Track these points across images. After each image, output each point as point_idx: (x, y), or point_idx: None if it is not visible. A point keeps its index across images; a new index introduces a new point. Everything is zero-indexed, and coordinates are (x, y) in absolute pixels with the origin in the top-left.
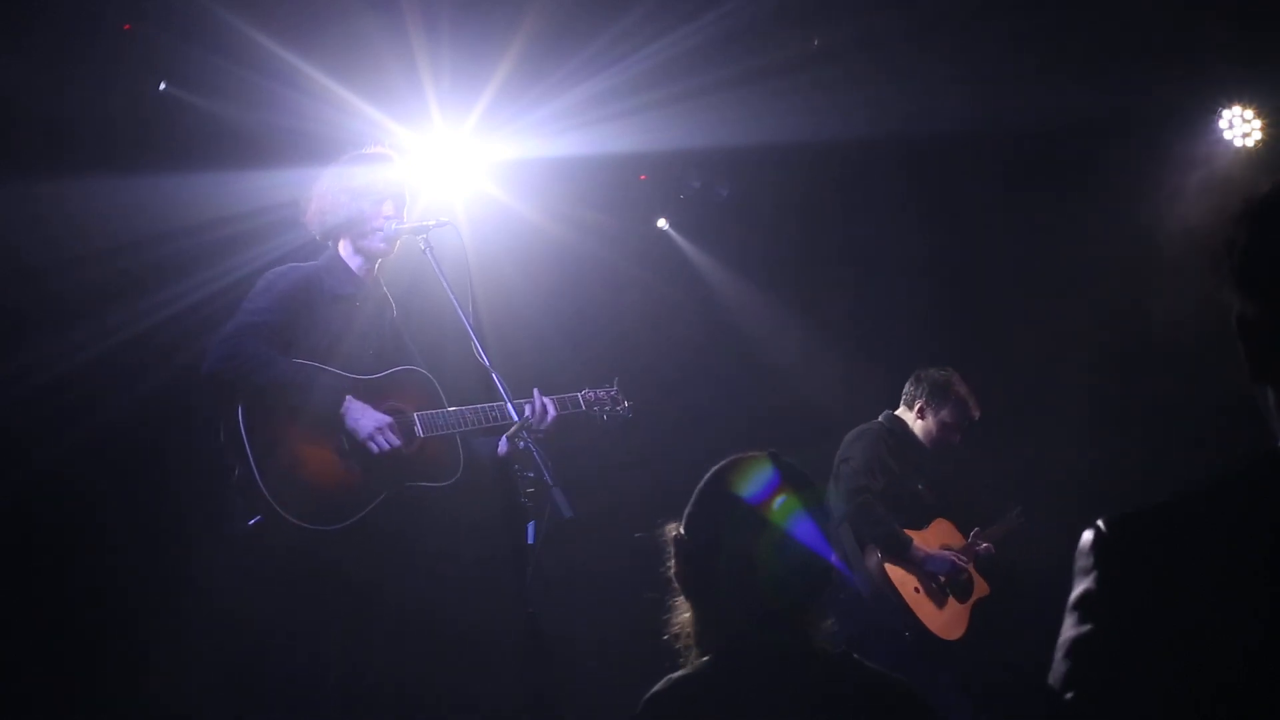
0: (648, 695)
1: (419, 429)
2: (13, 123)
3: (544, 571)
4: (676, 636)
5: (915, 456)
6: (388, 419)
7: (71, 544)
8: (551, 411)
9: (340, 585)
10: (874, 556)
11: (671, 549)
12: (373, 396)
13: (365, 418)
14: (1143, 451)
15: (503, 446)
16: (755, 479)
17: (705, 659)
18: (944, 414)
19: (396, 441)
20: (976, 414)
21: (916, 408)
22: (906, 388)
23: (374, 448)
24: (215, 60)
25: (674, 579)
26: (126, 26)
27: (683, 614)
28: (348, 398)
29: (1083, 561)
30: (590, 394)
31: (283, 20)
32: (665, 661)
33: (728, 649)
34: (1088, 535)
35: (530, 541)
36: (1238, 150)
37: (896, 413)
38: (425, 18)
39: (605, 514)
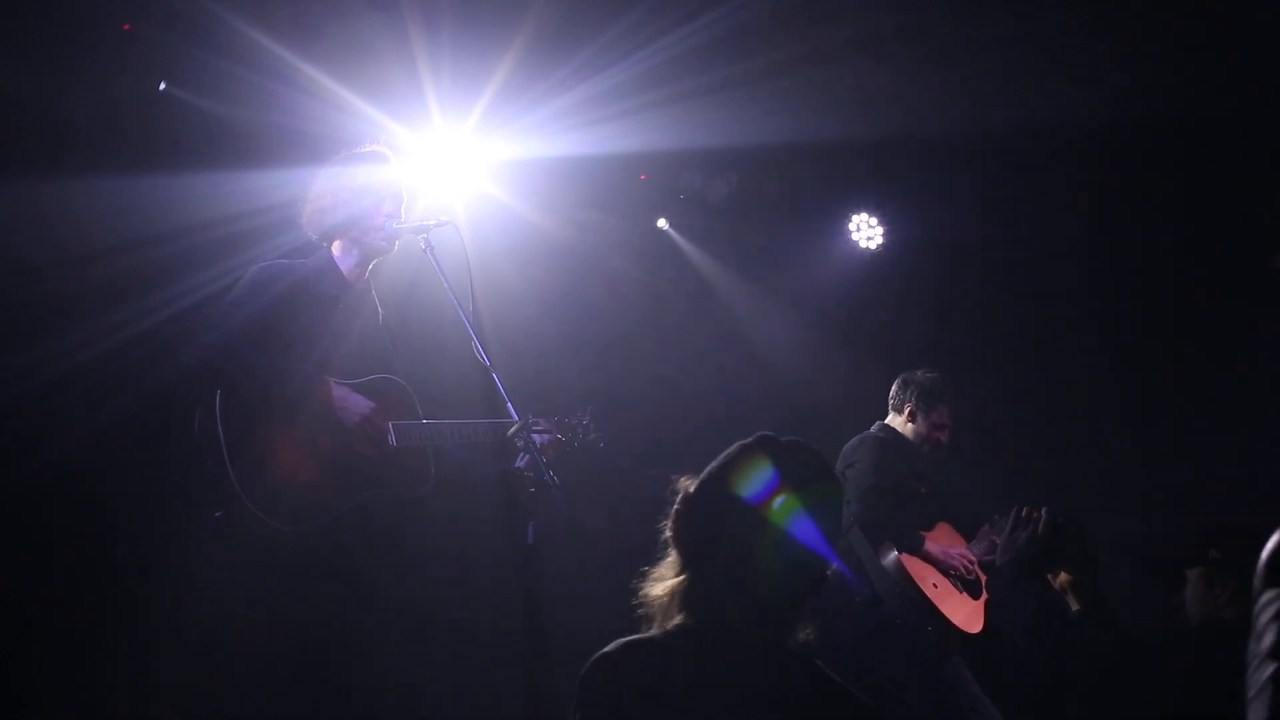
0: (599, 654)
1: (393, 438)
2: (14, 122)
3: (543, 571)
4: (650, 600)
5: (912, 461)
6: (371, 404)
7: (74, 541)
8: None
9: (334, 581)
10: (891, 553)
11: (678, 504)
12: None
13: (350, 402)
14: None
15: (521, 461)
16: (769, 469)
17: (671, 628)
18: (934, 415)
19: (383, 427)
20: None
21: (906, 411)
22: (893, 392)
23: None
24: (215, 60)
25: (671, 538)
26: (126, 26)
27: (667, 578)
28: (332, 383)
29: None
30: (563, 420)
31: (283, 20)
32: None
33: (704, 622)
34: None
35: (530, 541)
36: None
37: (887, 421)
38: (425, 18)
39: (604, 514)
